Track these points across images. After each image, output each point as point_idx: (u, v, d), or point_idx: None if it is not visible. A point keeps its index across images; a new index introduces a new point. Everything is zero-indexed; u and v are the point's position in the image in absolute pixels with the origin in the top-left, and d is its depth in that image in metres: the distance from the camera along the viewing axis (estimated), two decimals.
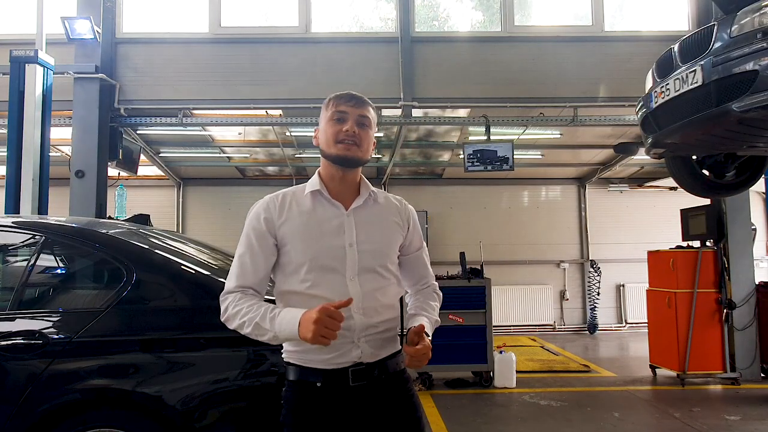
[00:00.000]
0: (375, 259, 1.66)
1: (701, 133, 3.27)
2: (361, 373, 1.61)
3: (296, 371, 1.63)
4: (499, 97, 6.40)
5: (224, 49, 6.55)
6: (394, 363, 1.69)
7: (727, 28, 2.98)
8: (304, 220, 1.64)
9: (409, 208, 1.83)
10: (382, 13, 7.34)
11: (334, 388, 1.59)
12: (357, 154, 1.66)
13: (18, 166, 5.02)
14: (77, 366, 2.28)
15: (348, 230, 1.65)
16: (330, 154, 1.66)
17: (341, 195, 1.69)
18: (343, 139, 1.64)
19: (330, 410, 1.58)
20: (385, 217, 1.74)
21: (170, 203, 9.88)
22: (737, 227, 6.08)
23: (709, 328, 5.91)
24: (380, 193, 1.78)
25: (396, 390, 1.68)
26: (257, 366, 2.29)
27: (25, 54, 5.15)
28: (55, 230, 2.66)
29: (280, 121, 6.85)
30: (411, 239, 1.79)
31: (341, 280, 1.61)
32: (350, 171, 1.69)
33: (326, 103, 1.72)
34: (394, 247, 1.74)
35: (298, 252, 1.62)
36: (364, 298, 1.61)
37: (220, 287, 2.47)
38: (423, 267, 1.85)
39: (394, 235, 1.74)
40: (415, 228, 1.81)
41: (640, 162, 8.84)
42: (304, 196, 1.69)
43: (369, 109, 1.71)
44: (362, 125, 1.67)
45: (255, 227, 1.66)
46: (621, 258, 9.72)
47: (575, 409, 4.96)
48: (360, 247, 1.64)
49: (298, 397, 1.62)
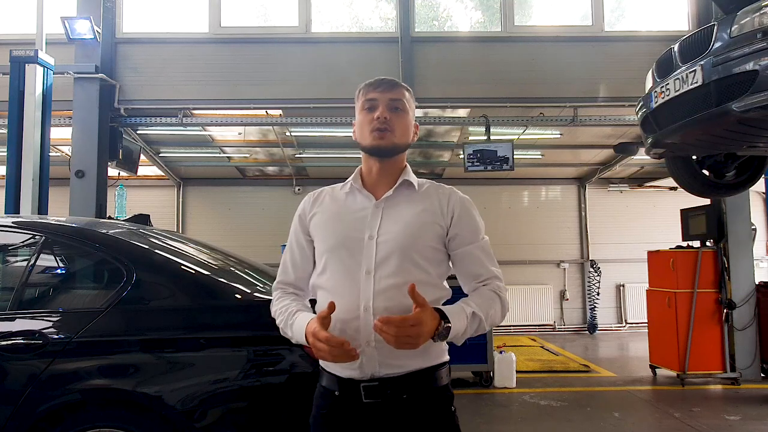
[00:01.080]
0: (398, 251, 1.47)
1: (701, 133, 3.27)
2: (374, 390, 1.42)
3: (322, 376, 1.55)
4: (499, 97, 6.40)
5: (224, 49, 6.55)
6: (428, 378, 1.46)
7: (727, 28, 2.98)
8: (330, 212, 1.58)
9: (456, 198, 1.58)
10: (382, 13, 7.33)
11: (349, 400, 1.45)
12: (392, 141, 1.53)
13: (18, 166, 5.02)
14: (77, 366, 2.27)
15: (371, 221, 1.51)
16: (365, 146, 1.56)
17: (378, 187, 1.57)
18: (375, 127, 1.52)
19: (347, 423, 1.45)
20: (418, 206, 1.54)
21: (170, 203, 9.88)
22: (737, 227, 6.07)
23: (709, 328, 5.91)
24: (424, 183, 1.62)
25: (429, 411, 1.44)
26: (257, 366, 2.29)
27: (25, 54, 5.15)
28: (55, 230, 2.66)
29: (280, 121, 6.85)
30: (457, 232, 1.54)
31: (354, 275, 1.47)
32: (388, 161, 1.57)
33: (357, 94, 1.62)
34: (426, 240, 1.51)
35: (319, 243, 1.56)
36: (377, 296, 1.43)
37: (220, 287, 2.51)
38: (477, 264, 1.56)
39: (426, 225, 1.52)
40: (463, 219, 1.55)
41: (640, 162, 8.84)
42: (340, 190, 1.62)
43: (402, 91, 1.57)
44: (395, 109, 1.54)
45: (294, 224, 1.65)
46: (621, 258, 9.72)
47: (575, 409, 4.96)
48: (381, 238, 1.48)
49: (321, 403, 1.54)
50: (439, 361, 1.50)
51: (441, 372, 1.49)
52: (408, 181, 1.57)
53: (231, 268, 2.88)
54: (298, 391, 2.28)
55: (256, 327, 2.34)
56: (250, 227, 9.63)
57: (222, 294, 2.43)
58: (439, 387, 1.48)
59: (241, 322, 2.36)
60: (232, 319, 2.37)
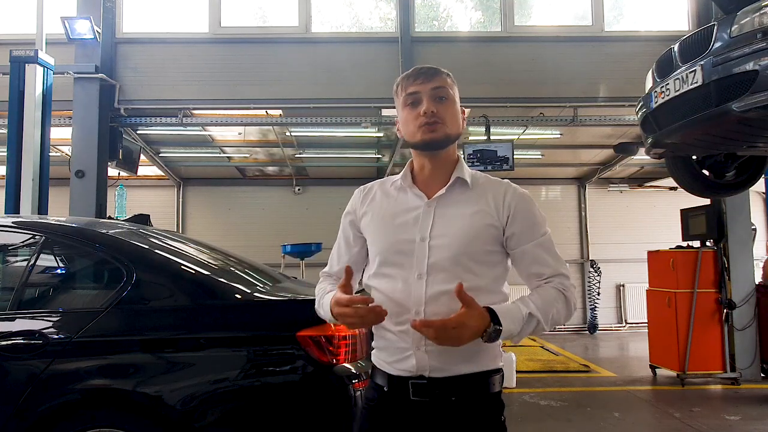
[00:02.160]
0: (449, 256, 1.41)
1: (701, 133, 3.27)
2: (422, 387, 1.40)
3: (374, 373, 1.52)
4: (499, 97, 6.40)
5: (224, 49, 6.55)
6: (479, 383, 1.43)
7: (727, 28, 2.98)
8: (382, 212, 1.52)
9: (513, 193, 1.49)
10: (381, 14, 7.34)
11: (396, 397, 1.43)
12: (444, 132, 1.45)
13: (18, 166, 5.02)
14: (77, 366, 2.27)
15: (423, 222, 1.45)
16: (415, 142, 1.48)
17: (430, 183, 1.51)
18: (423, 123, 1.44)
19: (393, 420, 1.44)
20: (473, 206, 1.47)
21: (170, 203, 9.87)
22: (737, 227, 6.07)
23: (709, 328, 5.90)
24: (479, 178, 1.53)
25: (477, 416, 1.42)
26: (257, 366, 2.29)
27: (25, 54, 5.14)
28: (55, 230, 2.66)
29: (280, 121, 6.85)
30: (514, 231, 1.46)
31: (406, 278, 1.42)
32: (441, 153, 1.49)
33: (395, 89, 1.54)
34: (481, 243, 1.43)
35: (372, 244, 1.53)
36: (429, 300, 1.39)
37: (220, 287, 2.51)
38: (538, 262, 1.47)
39: (481, 227, 1.44)
40: (519, 217, 1.46)
41: (640, 162, 8.84)
42: (391, 186, 1.56)
43: (443, 78, 1.49)
44: (440, 99, 1.47)
45: (342, 219, 1.63)
46: (621, 258, 9.72)
47: (575, 408, 4.96)
48: (433, 241, 1.42)
49: (370, 396, 1.52)
50: (492, 367, 1.46)
51: (493, 378, 1.46)
52: (461, 179, 1.50)
53: (231, 268, 2.88)
54: (298, 391, 2.29)
55: (256, 327, 2.35)
56: (250, 227, 9.63)
57: (222, 294, 2.43)
58: (490, 393, 1.45)
59: (241, 322, 2.36)
60: (232, 319, 2.37)
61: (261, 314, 2.41)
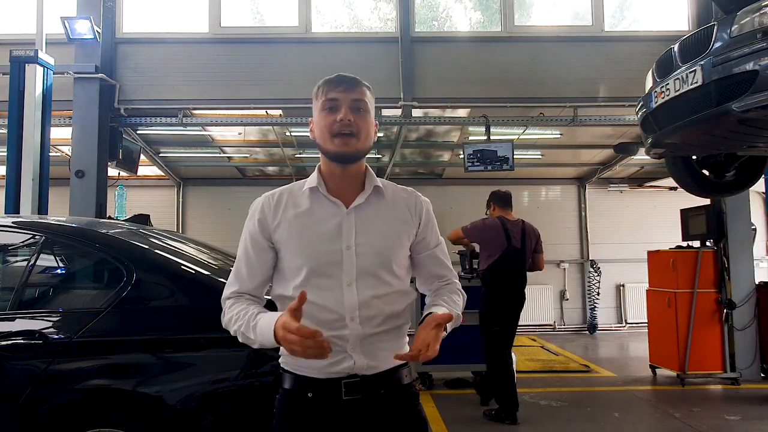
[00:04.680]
0: (376, 263, 1.48)
1: (701, 133, 3.27)
2: (355, 386, 1.46)
3: (290, 379, 1.51)
4: (499, 97, 6.40)
5: (224, 49, 6.54)
6: (399, 377, 1.53)
7: (727, 28, 2.99)
8: (300, 222, 1.51)
9: (422, 201, 1.61)
10: (381, 14, 7.34)
11: (326, 399, 1.46)
12: (356, 147, 1.49)
13: (18, 166, 5.02)
14: (77, 366, 2.28)
15: (347, 231, 1.49)
16: (327, 151, 1.50)
17: (343, 191, 1.53)
18: (338, 131, 1.47)
19: (321, 424, 1.46)
20: (390, 213, 1.55)
21: (170, 203, 9.88)
22: (737, 227, 6.07)
23: (709, 328, 5.91)
24: (388, 186, 1.60)
25: (400, 407, 1.51)
26: (257, 366, 2.29)
27: (25, 54, 5.14)
28: (55, 230, 2.66)
29: (280, 121, 6.84)
30: (424, 235, 1.59)
31: (337, 286, 1.46)
32: (352, 165, 1.53)
33: (315, 91, 1.56)
34: (401, 248, 1.54)
35: (294, 256, 1.49)
36: (361, 305, 1.46)
37: (220, 287, 2.48)
38: (441, 266, 1.63)
39: (401, 234, 1.54)
40: (429, 223, 1.60)
41: (640, 162, 8.84)
42: (301, 194, 1.54)
43: (363, 90, 1.52)
44: (357, 110, 1.49)
45: (250, 230, 1.57)
46: (621, 258, 9.72)
47: (575, 409, 4.96)
48: (359, 249, 1.48)
49: (289, 408, 1.51)
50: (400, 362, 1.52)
51: (403, 371, 1.56)
52: (378, 187, 1.55)
53: (231, 268, 2.87)
54: None
55: None
56: None
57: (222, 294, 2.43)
58: (405, 385, 1.55)
59: None
60: None
61: None
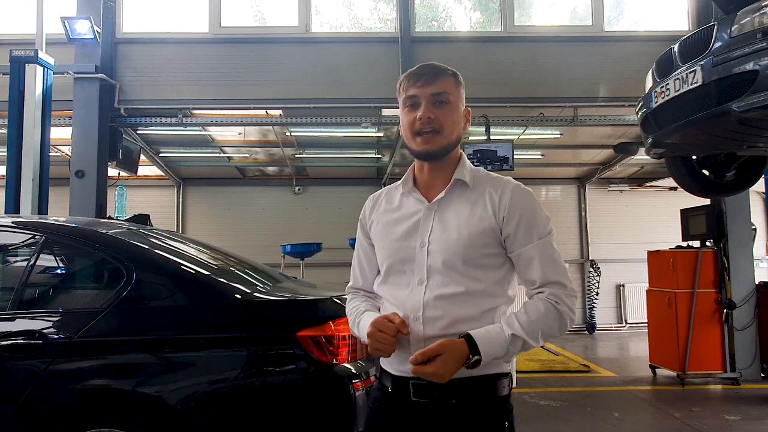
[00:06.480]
0: (449, 260, 1.39)
1: (701, 133, 3.27)
2: (422, 389, 1.38)
3: (378, 370, 1.54)
4: (499, 97, 6.40)
5: (224, 49, 6.55)
6: (479, 386, 1.38)
7: (727, 28, 2.99)
8: (385, 220, 1.52)
9: (511, 191, 1.42)
10: (381, 14, 7.34)
11: (398, 397, 1.43)
12: (440, 144, 1.42)
13: (18, 166, 5.02)
14: (77, 366, 2.28)
15: (423, 227, 1.44)
16: (412, 149, 1.47)
17: (432, 185, 1.48)
18: (419, 129, 1.41)
19: (395, 420, 1.44)
20: (470, 208, 1.42)
21: (170, 203, 9.87)
22: (737, 227, 6.07)
23: (709, 328, 5.90)
24: (481, 176, 1.49)
25: (478, 420, 1.37)
26: (257, 366, 2.29)
27: (25, 54, 5.15)
28: (55, 230, 2.66)
29: (280, 121, 6.85)
30: (509, 232, 1.40)
31: (409, 284, 1.43)
32: (438, 161, 1.47)
33: (398, 87, 1.49)
34: (480, 246, 1.39)
35: (380, 253, 1.52)
36: (427, 306, 1.38)
37: (220, 287, 2.51)
38: (530, 268, 1.40)
39: (482, 230, 1.40)
40: (514, 217, 1.40)
41: (640, 162, 8.84)
42: (396, 191, 1.55)
43: (444, 81, 1.43)
44: (440, 104, 1.42)
45: (358, 230, 1.62)
46: (621, 258, 9.72)
47: (575, 409, 4.96)
48: (432, 246, 1.41)
49: (375, 396, 1.53)
50: (496, 371, 1.40)
51: (498, 382, 1.40)
52: (461, 180, 1.45)
53: (231, 268, 2.88)
54: (299, 392, 2.29)
55: (256, 327, 2.34)
56: (250, 227, 9.63)
57: (222, 294, 2.43)
58: (493, 398, 1.40)
59: (241, 322, 2.36)
60: (232, 319, 2.37)
61: (261, 314, 2.41)
